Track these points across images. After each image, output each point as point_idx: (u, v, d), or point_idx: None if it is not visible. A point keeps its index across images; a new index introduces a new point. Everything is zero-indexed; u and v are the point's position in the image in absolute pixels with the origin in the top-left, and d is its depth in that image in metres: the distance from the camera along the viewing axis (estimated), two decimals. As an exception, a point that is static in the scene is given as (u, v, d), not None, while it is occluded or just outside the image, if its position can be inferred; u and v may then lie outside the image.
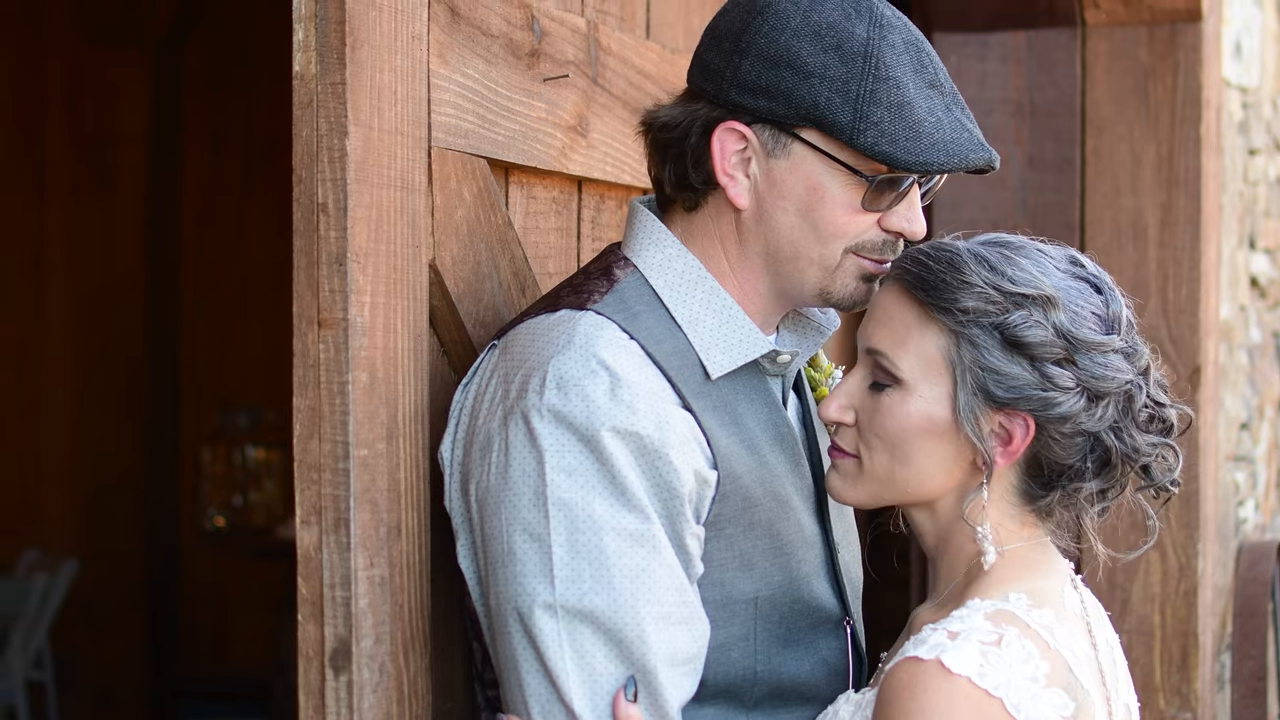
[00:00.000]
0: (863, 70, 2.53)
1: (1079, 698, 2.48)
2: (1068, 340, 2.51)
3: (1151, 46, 4.66)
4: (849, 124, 2.53)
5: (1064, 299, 2.52)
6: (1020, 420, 2.52)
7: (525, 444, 2.47)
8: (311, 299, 2.56)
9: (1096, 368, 2.52)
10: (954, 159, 2.56)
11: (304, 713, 2.57)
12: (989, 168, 2.60)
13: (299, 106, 2.56)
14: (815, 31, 2.55)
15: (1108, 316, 2.56)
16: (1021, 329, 2.50)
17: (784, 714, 2.67)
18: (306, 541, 2.56)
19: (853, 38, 2.54)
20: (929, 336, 2.54)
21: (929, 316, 2.54)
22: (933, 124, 2.55)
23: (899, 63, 2.55)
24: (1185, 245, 4.67)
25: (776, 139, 2.58)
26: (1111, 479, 2.58)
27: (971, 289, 2.51)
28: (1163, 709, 4.71)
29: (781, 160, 2.58)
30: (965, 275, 2.52)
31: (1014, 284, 2.51)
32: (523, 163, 2.96)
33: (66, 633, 9.24)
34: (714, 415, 2.58)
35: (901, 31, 2.58)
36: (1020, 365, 2.51)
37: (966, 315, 2.51)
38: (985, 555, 2.57)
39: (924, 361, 2.55)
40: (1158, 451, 2.59)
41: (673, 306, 2.63)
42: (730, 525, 2.58)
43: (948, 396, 2.54)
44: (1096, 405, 2.52)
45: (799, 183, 2.58)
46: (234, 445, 9.78)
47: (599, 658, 2.44)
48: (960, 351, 2.52)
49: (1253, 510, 5.87)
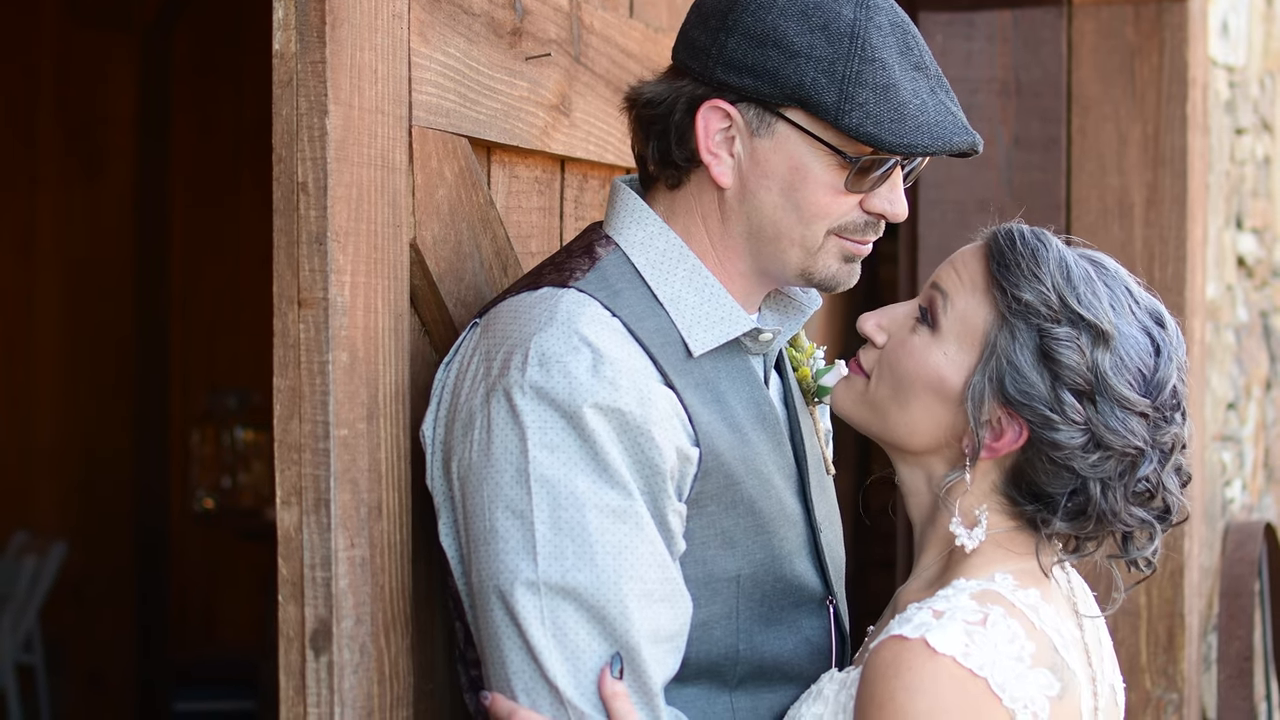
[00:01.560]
0: (849, 51, 2.53)
1: (1065, 678, 2.47)
2: (1096, 379, 2.49)
3: (1138, 25, 4.65)
4: (834, 104, 2.52)
5: (1118, 341, 2.51)
6: (1017, 424, 2.52)
7: (507, 421, 2.46)
8: (291, 278, 2.55)
9: (1111, 419, 2.50)
10: (938, 141, 2.55)
11: (284, 694, 2.57)
12: (972, 151, 2.60)
13: (279, 85, 2.55)
14: (802, 11, 2.54)
15: (1151, 380, 2.53)
16: (1058, 344, 2.49)
17: (767, 693, 2.67)
18: (287, 522, 2.56)
19: (839, 18, 2.54)
20: (981, 306, 2.55)
21: (989, 288, 2.55)
22: (917, 106, 2.55)
23: (885, 44, 2.55)
24: (1171, 224, 4.66)
25: (761, 118, 2.57)
26: (1081, 529, 2.55)
27: (1037, 284, 2.51)
28: (1149, 689, 4.71)
29: (765, 140, 2.58)
30: (1039, 270, 2.52)
31: (1078, 302, 2.50)
32: (505, 142, 2.95)
33: (56, 615, 9.23)
34: (696, 393, 2.58)
35: (888, 13, 2.58)
36: (1041, 376, 2.50)
37: (1019, 305, 2.51)
38: (959, 540, 2.57)
39: (965, 325, 2.55)
40: (1138, 526, 2.57)
41: (654, 284, 2.62)
42: (712, 503, 2.57)
43: (967, 368, 2.54)
44: (1095, 452, 2.50)
45: (782, 162, 2.58)
46: (223, 427, 9.76)
47: (582, 635, 2.44)
48: (999, 335, 2.52)
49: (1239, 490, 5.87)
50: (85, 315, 9.68)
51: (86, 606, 9.63)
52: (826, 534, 2.78)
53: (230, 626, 9.91)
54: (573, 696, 2.44)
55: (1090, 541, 2.58)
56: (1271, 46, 6.31)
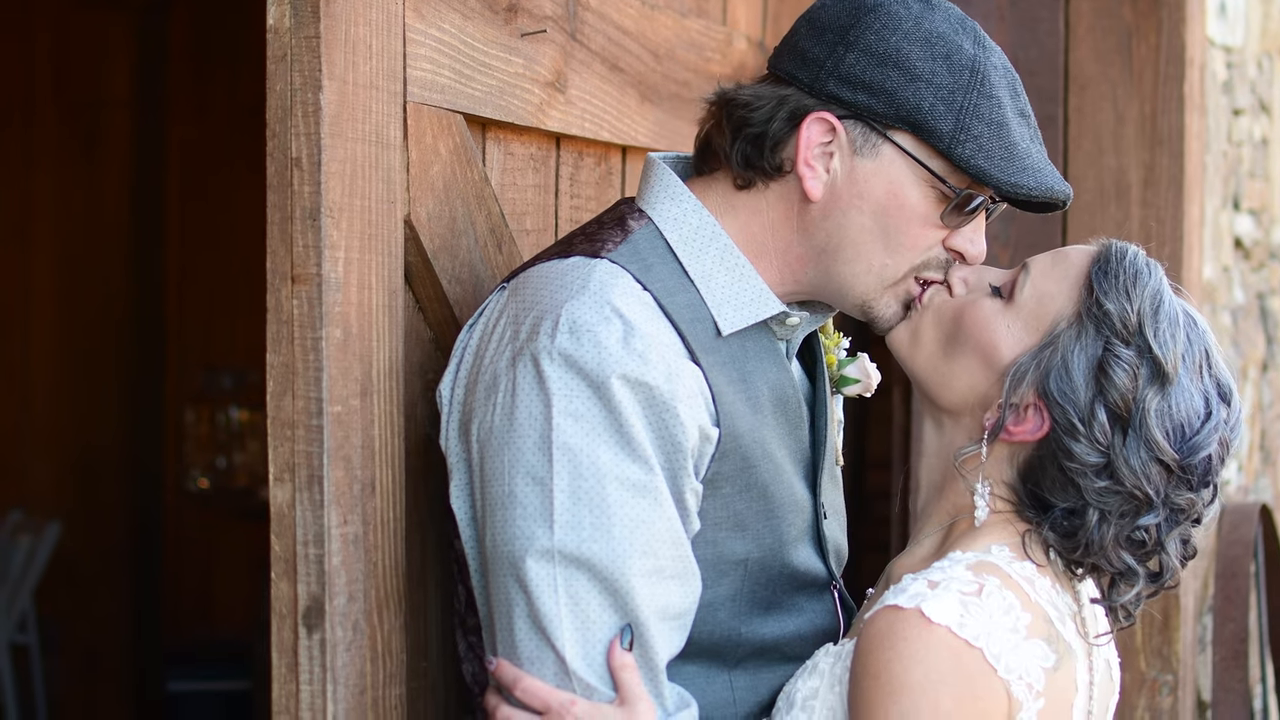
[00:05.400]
0: (969, 83, 2.54)
1: (1060, 650, 2.47)
2: (1137, 411, 2.49)
3: (1135, 5, 4.64)
4: (949, 133, 2.53)
5: (1174, 389, 2.50)
6: (1043, 417, 2.51)
7: (533, 386, 2.45)
8: (285, 254, 2.54)
9: (1134, 456, 2.50)
10: (1041, 186, 2.56)
11: (277, 671, 2.56)
12: (1066, 202, 2.61)
13: (273, 60, 2.55)
14: (926, 38, 2.55)
15: (1189, 439, 2.52)
16: (1117, 363, 2.49)
17: (766, 672, 2.67)
18: (280, 499, 2.55)
19: (961, 51, 2.55)
20: (1063, 296, 2.56)
21: (1079, 284, 2.55)
22: (1024, 149, 2.56)
23: (1000, 84, 2.57)
24: (1168, 205, 4.65)
25: (866, 137, 2.57)
26: (1070, 551, 2.54)
27: (1125, 300, 2.51)
28: (1144, 670, 4.70)
29: (868, 160, 2.57)
30: (1133, 289, 2.52)
31: (1154, 335, 2.50)
32: (500, 118, 2.94)
33: (51, 595, 9.23)
34: (721, 372, 2.57)
35: (1000, 57, 2.60)
36: (1087, 385, 2.50)
37: (1099, 310, 2.51)
38: (977, 510, 2.57)
39: (1039, 307, 2.56)
40: (1123, 570, 2.55)
41: (686, 261, 2.61)
42: (727, 484, 2.57)
43: (1023, 347, 2.55)
44: (1105, 479, 2.50)
45: (881, 185, 2.57)
46: (218, 407, 9.77)
47: (594, 606, 2.43)
48: (1066, 330, 2.52)
49: (1235, 472, 5.86)
50: (81, 295, 9.67)
51: (81, 586, 9.63)
52: (830, 522, 2.78)
53: (225, 606, 9.90)
54: (578, 667, 2.43)
55: (1076, 567, 2.57)
56: (1269, 27, 6.30)
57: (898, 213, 2.58)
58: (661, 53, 3.54)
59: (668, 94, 3.56)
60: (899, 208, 2.57)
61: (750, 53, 3.99)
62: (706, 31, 3.79)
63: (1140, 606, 2.60)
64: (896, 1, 2.57)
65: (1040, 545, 2.55)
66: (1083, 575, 2.58)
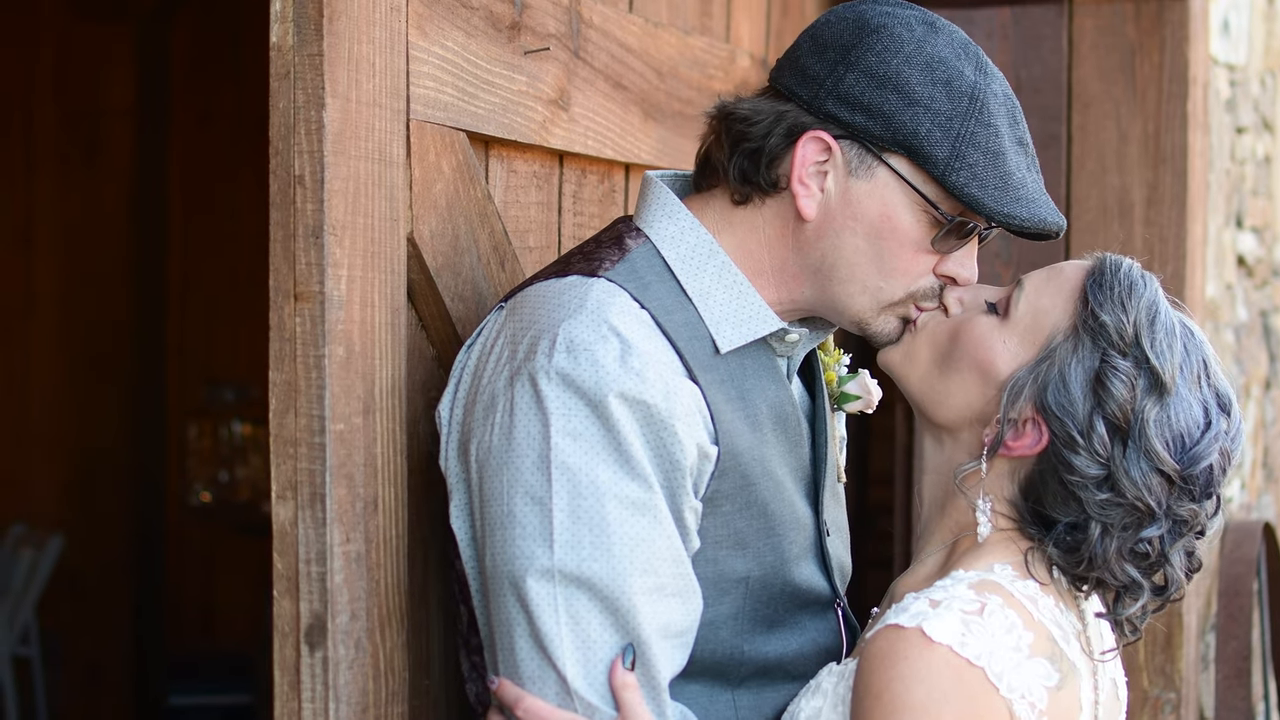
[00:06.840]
0: (967, 110, 2.54)
1: (1063, 669, 2.47)
2: (1136, 422, 2.49)
3: (1138, 23, 4.64)
4: (944, 159, 2.53)
5: (1172, 399, 2.50)
6: (1041, 431, 2.51)
7: (531, 406, 2.45)
8: (288, 272, 2.54)
9: (1134, 467, 2.49)
10: (1034, 217, 2.56)
11: (279, 689, 2.56)
12: (1059, 233, 2.60)
13: (276, 78, 2.55)
14: (927, 62, 2.55)
15: (1189, 449, 2.52)
16: (1114, 375, 2.49)
17: (770, 691, 2.67)
18: (282, 517, 2.55)
19: (962, 77, 2.55)
20: (1058, 310, 2.56)
21: (1075, 298, 2.55)
22: (1019, 179, 2.56)
23: (999, 112, 2.56)
24: (1171, 223, 4.64)
25: (862, 159, 2.57)
26: (1073, 566, 2.54)
27: (1121, 312, 2.51)
28: (1146, 688, 4.70)
29: (862, 181, 2.57)
30: (1129, 301, 2.52)
31: (1151, 346, 2.50)
32: (503, 136, 2.94)
33: (52, 608, 9.22)
34: (720, 390, 2.57)
35: (1001, 83, 2.60)
36: (1085, 398, 2.49)
37: (1095, 323, 2.51)
38: (980, 526, 2.56)
39: (1035, 321, 2.56)
40: (1127, 583, 2.55)
41: (684, 279, 2.61)
42: (727, 503, 2.57)
43: (1020, 361, 2.54)
44: (1106, 492, 2.50)
45: (874, 207, 2.57)
46: (220, 421, 9.76)
47: (594, 625, 2.43)
48: (1063, 343, 2.52)
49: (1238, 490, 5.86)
50: (83, 307, 9.67)
51: (83, 599, 9.62)
52: (834, 540, 2.77)
53: (227, 620, 9.90)
54: (580, 687, 2.43)
55: (1082, 582, 2.56)
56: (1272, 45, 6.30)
57: (890, 235, 2.57)
58: (665, 70, 3.54)
59: (671, 112, 3.56)
60: (891, 230, 2.57)
61: (753, 70, 3.99)
62: (709, 49, 3.79)
63: (1146, 620, 2.59)
64: (900, 23, 2.57)
65: (1043, 563, 2.54)
66: (1087, 592, 2.58)
